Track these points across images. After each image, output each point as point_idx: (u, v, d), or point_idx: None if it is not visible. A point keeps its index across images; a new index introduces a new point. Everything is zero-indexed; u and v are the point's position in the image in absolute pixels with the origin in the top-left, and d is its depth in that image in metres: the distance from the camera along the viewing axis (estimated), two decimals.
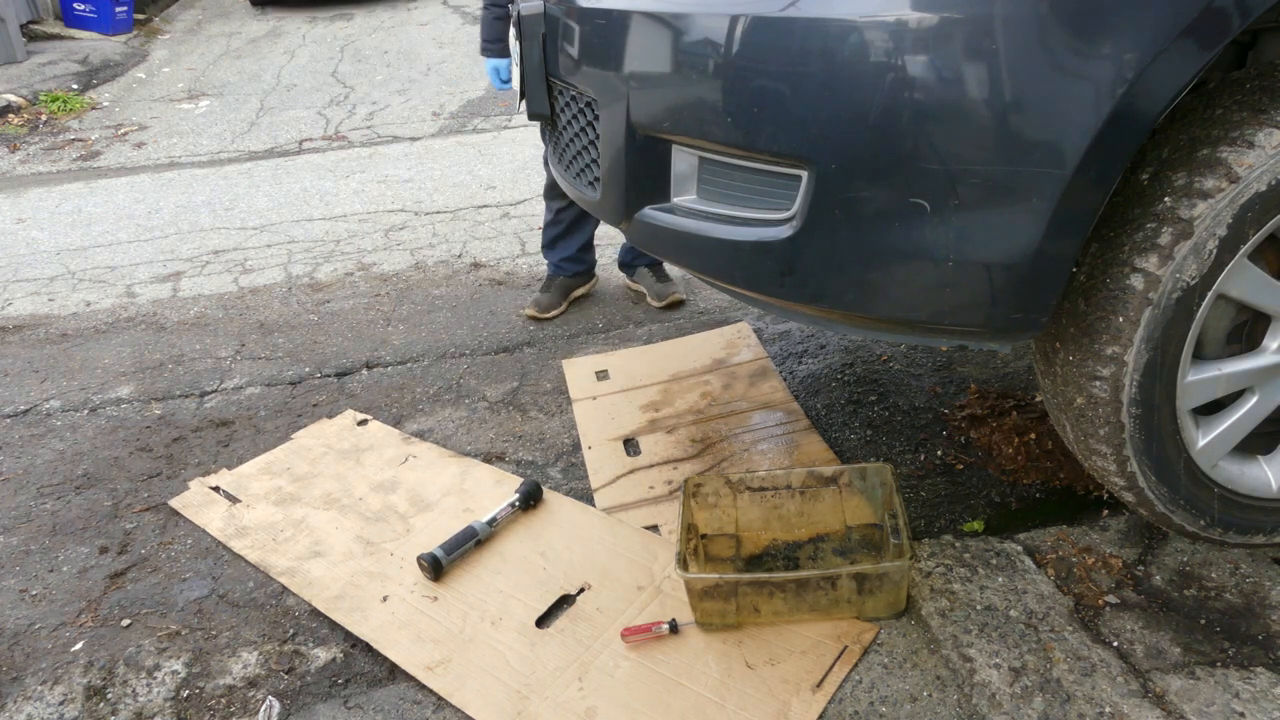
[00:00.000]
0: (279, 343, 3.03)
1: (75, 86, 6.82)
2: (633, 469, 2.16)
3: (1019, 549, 1.73)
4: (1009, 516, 1.90)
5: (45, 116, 6.29)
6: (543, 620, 1.73)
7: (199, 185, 4.87)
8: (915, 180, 1.29)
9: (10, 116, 6.20)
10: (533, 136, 5.17)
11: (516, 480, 2.12)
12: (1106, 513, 1.83)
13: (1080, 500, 1.91)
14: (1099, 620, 1.57)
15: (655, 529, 1.94)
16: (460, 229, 3.96)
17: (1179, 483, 1.53)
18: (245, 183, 4.86)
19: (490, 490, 2.11)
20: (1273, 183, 1.30)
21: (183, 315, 3.32)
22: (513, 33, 1.98)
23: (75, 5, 8.16)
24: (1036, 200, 1.25)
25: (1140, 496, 1.54)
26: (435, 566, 1.83)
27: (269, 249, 3.92)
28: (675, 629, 1.65)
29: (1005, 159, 1.25)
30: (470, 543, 1.90)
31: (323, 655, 1.72)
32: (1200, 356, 1.49)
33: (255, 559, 1.97)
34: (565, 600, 1.77)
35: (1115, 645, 1.52)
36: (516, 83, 2.02)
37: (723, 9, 1.37)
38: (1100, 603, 1.61)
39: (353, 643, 1.74)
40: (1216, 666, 1.46)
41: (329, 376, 2.78)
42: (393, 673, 1.66)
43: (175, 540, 2.07)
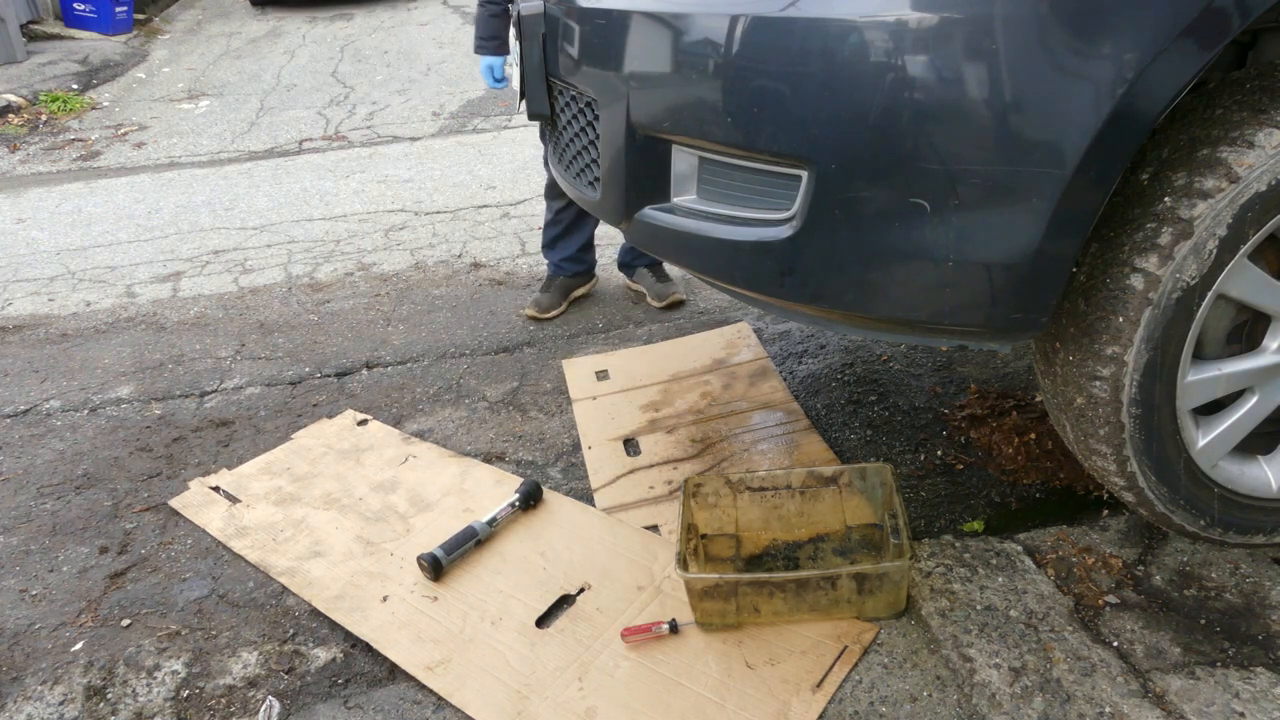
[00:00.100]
0: (279, 343, 3.03)
1: (75, 86, 6.82)
2: (633, 469, 2.16)
3: (1019, 549, 1.73)
4: (1009, 516, 1.90)
5: (45, 116, 6.29)
6: (543, 620, 1.73)
7: (199, 185, 4.87)
8: (915, 180, 1.29)
9: (10, 116, 6.20)
10: (533, 136, 5.17)
11: (516, 480, 2.12)
12: (1106, 513, 1.83)
13: (1080, 500, 1.91)
14: (1099, 620, 1.57)
15: (655, 529, 1.95)
16: (460, 229, 3.97)
17: (1179, 483, 1.53)
18: (245, 183, 4.86)
19: (490, 490, 2.11)
20: (1273, 183, 1.30)
21: (183, 315, 3.32)
22: (513, 33, 1.98)
23: (75, 5, 8.16)
24: (1036, 200, 1.26)
25: (1140, 496, 1.54)
26: (435, 566, 1.83)
27: (269, 249, 3.92)
28: (675, 629, 1.65)
29: (1005, 159, 1.25)
30: (470, 543, 1.90)
31: (323, 655, 1.72)
32: (1200, 356, 1.49)
33: (255, 559, 1.97)
34: (565, 600, 1.77)
35: (1115, 645, 1.52)
36: (516, 82, 2.02)
37: (723, 9, 1.37)
38: (1100, 603, 1.61)
39: (353, 643, 1.74)
40: (1216, 666, 1.46)
41: (329, 376, 2.78)
42: (393, 673, 1.66)
43: (175, 540, 2.07)
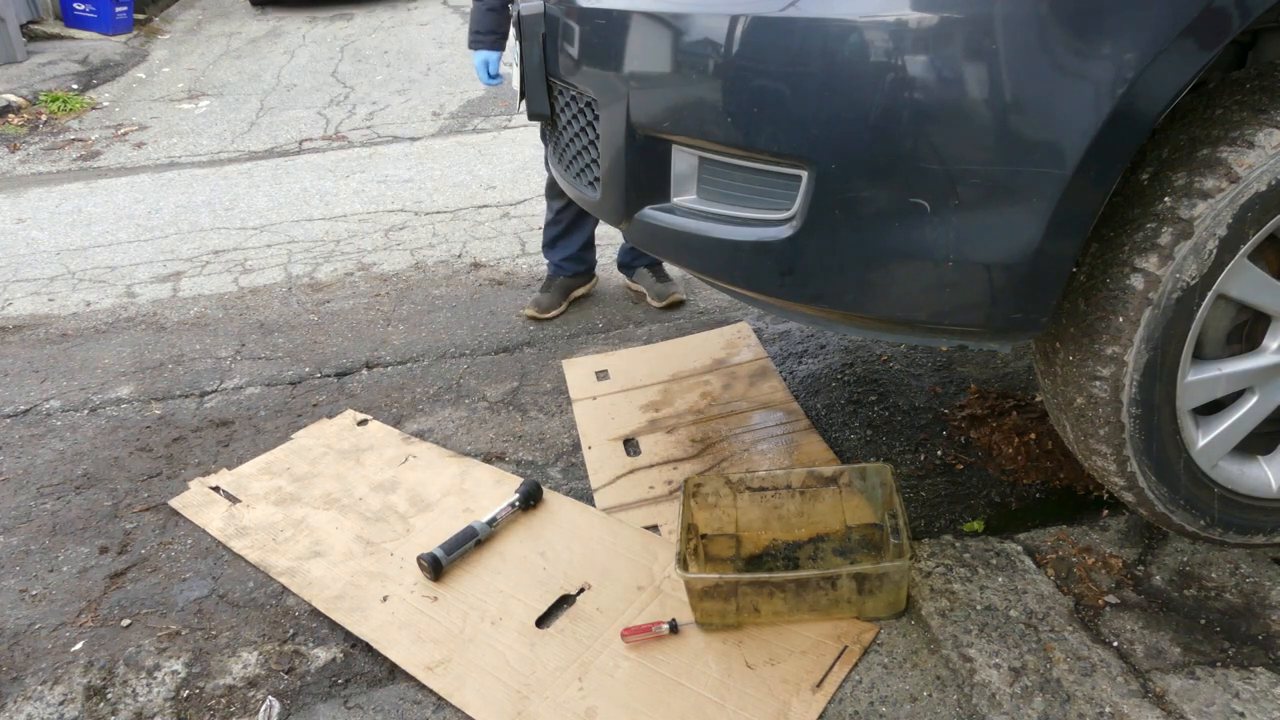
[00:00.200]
0: (279, 343, 3.03)
1: (75, 86, 6.82)
2: (633, 469, 2.16)
3: (1019, 549, 1.73)
4: (1009, 516, 1.90)
5: (45, 116, 6.29)
6: (543, 620, 1.73)
7: (199, 185, 4.87)
8: (915, 180, 1.29)
9: (10, 116, 6.20)
10: (533, 136, 5.17)
11: (516, 480, 2.12)
12: (1106, 513, 1.83)
13: (1080, 500, 1.91)
14: (1099, 620, 1.57)
15: (655, 529, 1.95)
16: (460, 229, 3.97)
17: (1179, 483, 1.53)
18: (245, 183, 4.86)
19: (490, 490, 2.11)
20: (1273, 183, 1.30)
21: (183, 315, 3.32)
22: (513, 33, 1.98)
23: (75, 5, 8.16)
24: (1036, 200, 1.25)
25: (1140, 496, 1.54)
26: (435, 566, 1.83)
27: (269, 249, 3.92)
28: (675, 629, 1.65)
29: (1005, 159, 1.25)
30: (470, 543, 1.90)
31: (323, 655, 1.72)
32: (1200, 356, 1.49)
33: (255, 559, 1.97)
34: (565, 600, 1.77)
35: (1115, 645, 1.52)
36: (516, 82, 2.02)
37: (723, 9, 1.37)
38: (1100, 603, 1.61)
39: (353, 643, 1.74)
40: (1216, 666, 1.46)
41: (329, 376, 2.78)
42: (393, 673, 1.66)
43: (175, 540, 2.07)
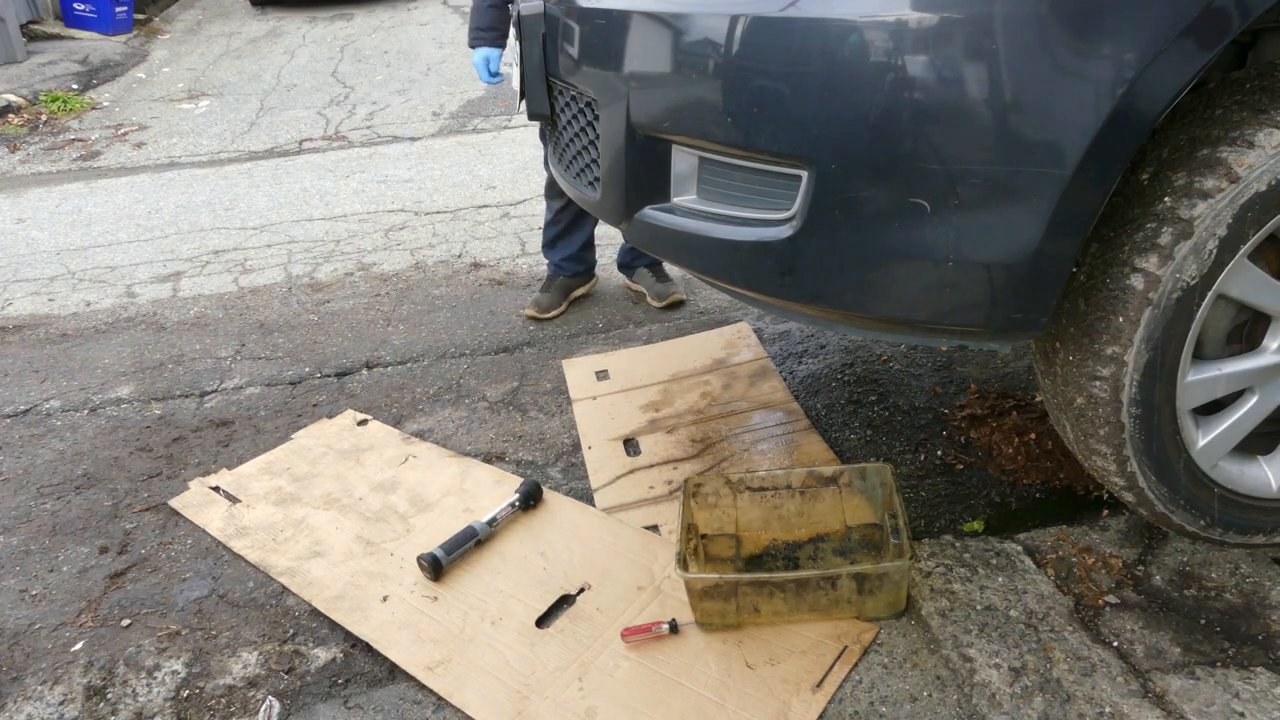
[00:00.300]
0: (279, 343, 3.03)
1: (75, 86, 6.82)
2: (633, 469, 2.16)
3: (1019, 549, 1.73)
4: (1009, 516, 1.90)
5: (45, 116, 6.29)
6: (543, 620, 1.73)
7: (199, 185, 4.87)
8: (915, 180, 1.29)
9: (10, 116, 6.20)
10: (533, 136, 5.16)
11: (516, 480, 2.12)
12: (1106, 513, 1.83)
13: (1080, 500, 1.91)
14: (1099, 620, 1.57)
15: (655, 529, 1.94)
16: (460, 229, 3.97)
17: (1179, 483, 1.53)
18: (245, 183, 4.86)
19: (490, 490, 2.11)
20: (1273, 183, 1.30)
21: (183, 315, 3.32)
22: (513, 32, 1.98)
23: (75, 5, 8.16)
24: (1036, 200, 1.25)
25: (1140, 496, 1.54)
26: (435, 566, 1.83)
27: (269, 249, 3.92)
28: (675, 629, 1.65)
29: (1005, 159, 1.25)
30: (470, 543, 1.90)
31: (323, 655, 1.72)
32: (1200, 356, 1.49)
33: (255, 559, 1.97)
34: (565, 600, 1.77)
35: (1115, 645, 1.52)
36: (516, 82, 2.02)
37: (723, 9, 1.37)
38: (1100, 603, 1.61)
39: (353, 643, 1.74)
40: (1216, 666, 1.46)
41: (329, 376, 2.78)
42: (393, 673, 1.66)
43: (175, 540, 2.07)
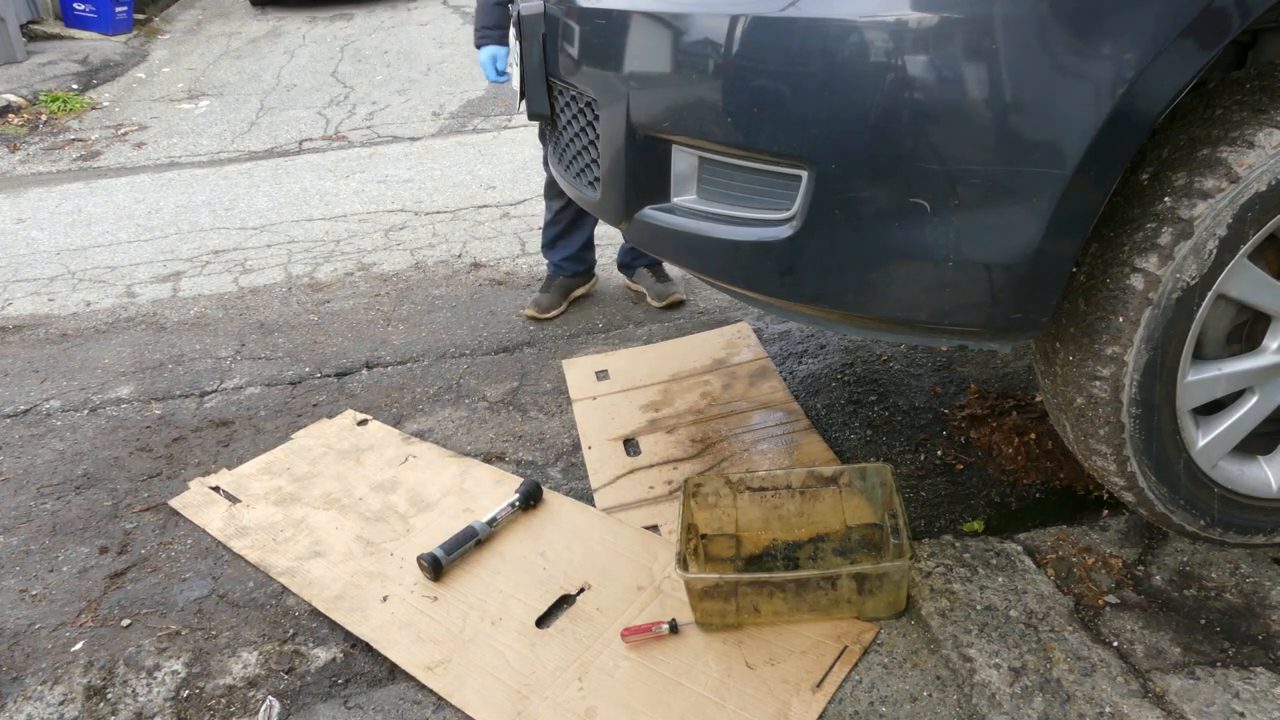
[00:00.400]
0: (279, 343, 3.03)
1: (75, 86, 6.82)
2: (633, 469, 2.16)
3: (1019, 549, 1.73)
4: (1009, 516, 1.90)
5: (45, 116, 6.29)
6: (543, 620, 1.73)
7: (199, 185, 4.87)
8: (915, 180, 1.29)
9: (10, 116, 6.20)
10: (533, 136, 5.16)
11: (516, 480, 2.12)
12: (1106, 513, 1.83)
13: (1080, 500, 1.91)
14: (1099, 620, 1.57)
15: (655, 529, 1.94)
16: (460, 229, 3.96)
17: (1179, 483, 1.53)
18: (245, 183, 4.86)
19: (490, 490, 2.11)
20: (1273, 183, 1.30)
21: (183, 315, 3.32)
22: (513, 33, 1.98)
23: (75, 5, 8.16)
24: (1036, 200, 1.25)
25: (1140, 496, 1.54)
26: (435, 566, 1.83)
27: (269, 249, 3.92)
28: (675, 629, 1.65)
29: (1005, 159, 1.25)
30: (470, 543, 1.90)
31: (323, 655, 1.72)
32: (1200, 356, 1.49)
33: (255, 559, 1.97)
34: (565, 600, 1.77)
35: (1115, 645, 1.52)
36: (516, 82, 2.02)
37: (723, 9, 1.37)
38: (1100, 603, 1.61)
39: (353, 643, 1.74)
40: (1216, 666, 1.46)
41: (329, 376, 2.78)
42: (393, 673, 1.66)
43: (175, 540, 2.07)
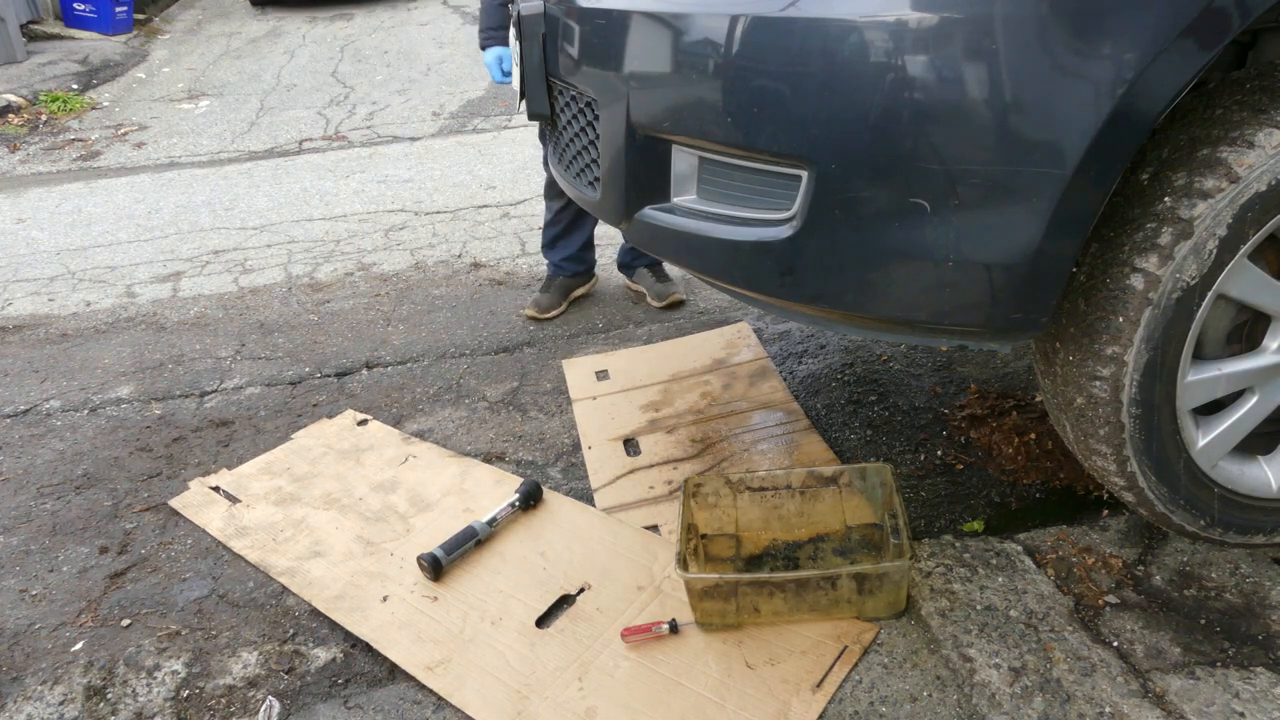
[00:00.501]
0: (279, 343, 3.03)
1: (75, 86, 6.82)
2: (633, 469, 2.16)
3: (1019, 549, 1.73)
4: (1009, 516, 1.90)
5: (45, 116, 6.29)
6: (543, 620, 1.73)
7: (199, 185, 4.87)
8: (915, 180, 1.29)
9: (10, 116, 6.20)
10: (533, 136, 5.17)
11: (516, 480, 2.12)
12: (1106, 513, 1.83)
13: (1080, 500, 1.91)
14: (1099, 620, 1.57)
15: (655, 529, 1.94)
16: (460, 229, 3.97)
17: (1179, 483, 1.53)
18: (245, 183, 4.86)
19: (490, 490, 2.11)
20: (1273, 183, 1.30)
21: (183, 315, 3.32)
22: (512, 32, 1.98)
23: (75, 5, 8.16)
24: (1036, 200, 1.25)
25: (1140, 496, 1.54)
26: (435, 566, 1.83)
27: (269, 249, 3.92)
28: (675, 629, 1.65)
29: (1005, 159, 1.25)
30: (470, 543, 1.90)
31: (323, 655, 1.72)
32: (1200, 356, 1.49)
33: (255, 559, 1.97)
34: (565, 600, 1.77)
35: (1115, 645, 1.52)
36: (516, 82, 2.02)
37: (723, 9, 1.37)
38: (1100, 603, 1.61)
39: (353, 643, 1.74)
40: (1216, 666, 1.46)
41: (329, 376, 2.78)
42: (393, 673, 1.66)
43: (175, 540, 2.07)
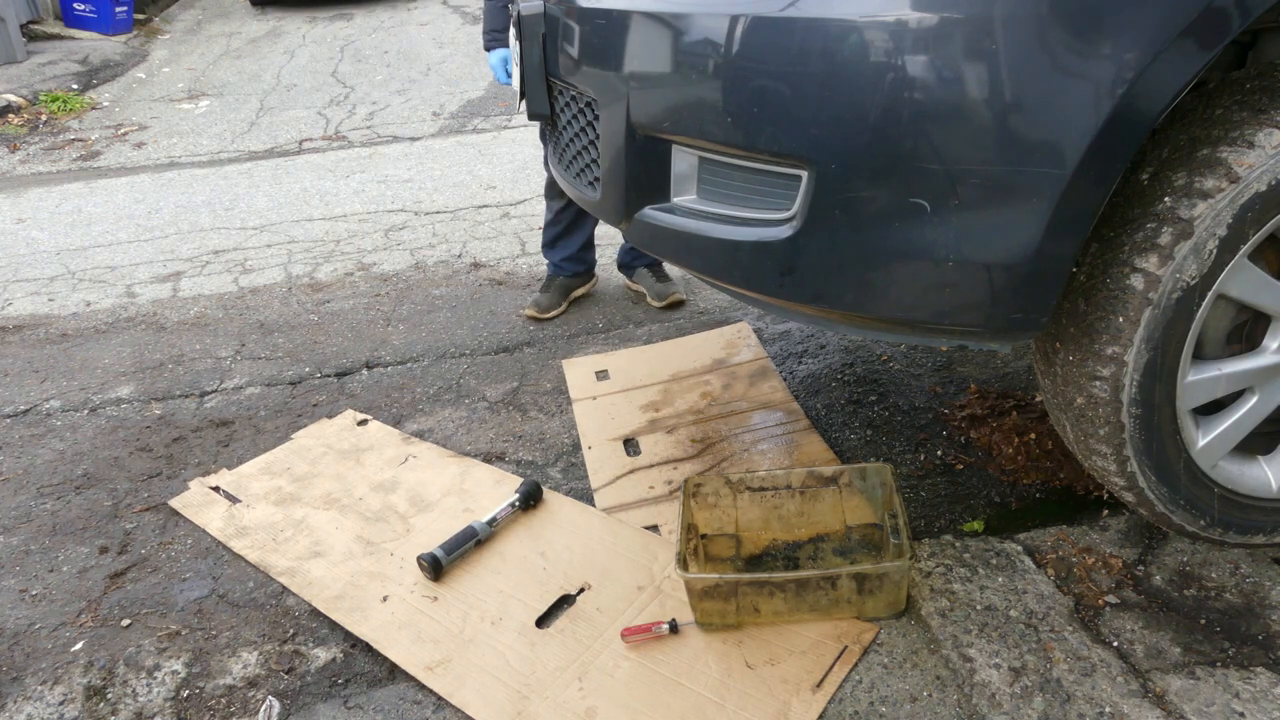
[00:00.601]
0: (279, 343, 3.03)
1: (75, 86, 6.82)
2: (633, 469, 2.16)
3: (1019, 549, 1.73)
4: (1009, 516, 1.90)
5: (45, 116, 6.28)
6: (543, 620, 1.73)
7: (199, 185, 4.87)
8: (915, 180, 1.29)
9: (10, 116, 6.20)
10: (533, 136, 5.17)
11: (516, 480, 2.12)
12: (1106, 513, 1.83)
13: (1080, 500, 1.91)
14: (1099, 620, 1.57)
15: (655, 529, 1.94)
16: (460, 229, 3.97)
17: (1179, 483, 1.53)
18: (245, 183, 4.86)
19: (490, 490, 2.11)
20: (1273, 183, 1.30)
21: (183, 315, 3.32)
22: (512, 33, 1.98)
23: (75, 5, 8.16)
24: (1036, 200, 1.25)
25: (1140, 496, 1.54)
26: (435, 566, 1.83)
27: (269, 249, 3.92)
28: (675, 629, 1.65)
29: (1005, 159, 1.25)
30: (470, 543, 1.90)
31: (323, 655, 1.72)
32: (1200, 356, 1.49)
33: (255, 559, 1.97)
34: (565, 600, 1.77)
35: (1115, 645, 1.52)
36: (517, 82, 2.02)
37: (723, 9, 1.37)
38: (1100, 603, 1.61)
39: (353, 643, 1.74)
40: (1216, 666, 1.46)
41: (329, 376, 2.78)
42: (393, 673, 1.66)
43: (175, 540, 2.07)
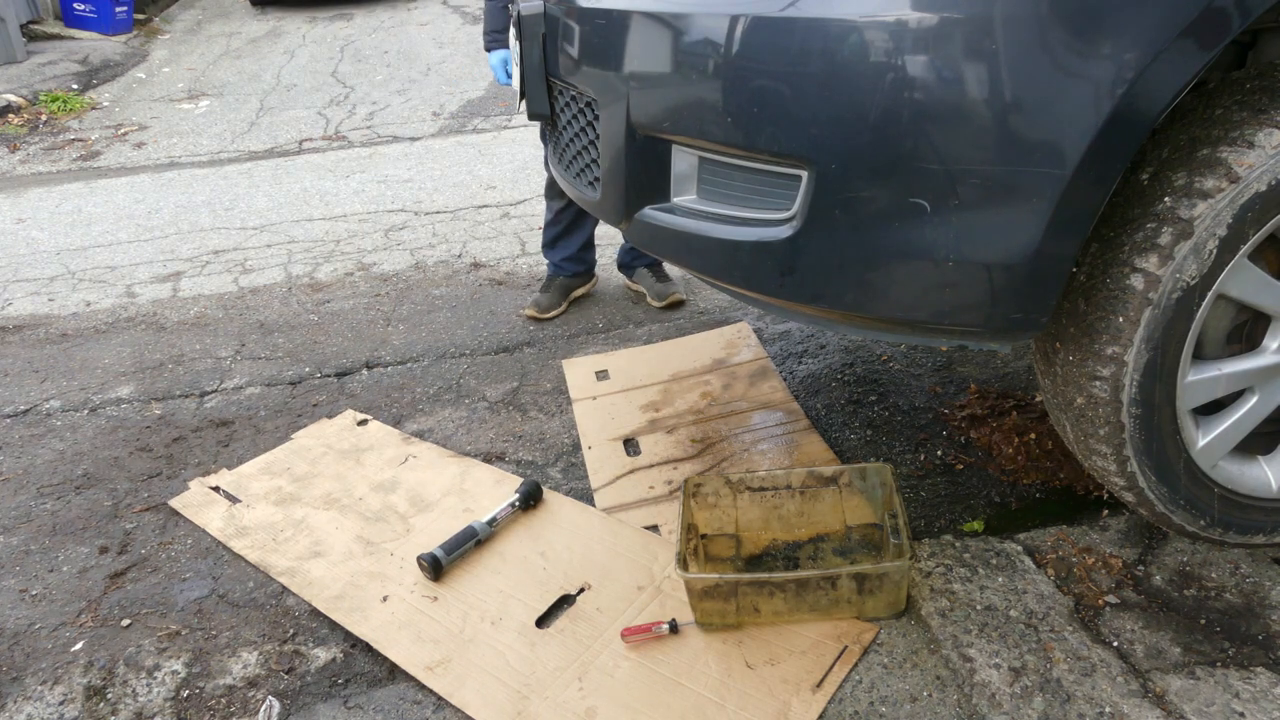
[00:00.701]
0: (279, 343, 3.03)
1: (75, 86, 6.82)
2: (633, 469, 2.16)
3: (1019, 549, 1.73)
4: (1009, 516, 1.90)
5: (45, 116, 6.29)
6: (543, 620, 1.73)
7: (199, 185, 4.87)
8: (915, 180, 1.29)
9: (10, 116, 6.20)
10: (533, 136, 5.17)
11: (516, 480, 2.12)
12: (1106, 513, 1.83)
13: (1080, 500, 1.91)
14: (1099, 620, 1.57)
15: (655, 529, 1.95)
16: (460, 229, 3.97)
17: (1179, 483, 1.53)
18: (245, 183, 4.86)
19: (490, 490, 2.11)
20: (1273, 183, 1.30)
21: (183, 315, 3.32)
22: (512, 33, 1.98)
23: (75, 5, 8.16)
24: (1036, 200, 1.26)
25: (1140, 496, 1.54)
26: (435, 566, 1.83)
27: (269, 249, 3.92)
28: (675, 629, 1.65)
29: (1005, 159, 1.25)
30: (470, 543, 1.90)
31: (323, 655, 1.72)
32: (1200, 356, 1.49)
33: (255, 559, 1.97)
34: (565, 600, 1.77)
35: (1115, 645, 1.52)
36: (517, 82, 2.02)
37: (723, 9, 1.37)
38: (1100, 603, 1.61)
39: (353, 643, 1.74)
40: (1216, 666, 1.46)
41: (329, 376, 2.78)
42: (393, 673, 1.66)
43: (175, 540, 2.07)
